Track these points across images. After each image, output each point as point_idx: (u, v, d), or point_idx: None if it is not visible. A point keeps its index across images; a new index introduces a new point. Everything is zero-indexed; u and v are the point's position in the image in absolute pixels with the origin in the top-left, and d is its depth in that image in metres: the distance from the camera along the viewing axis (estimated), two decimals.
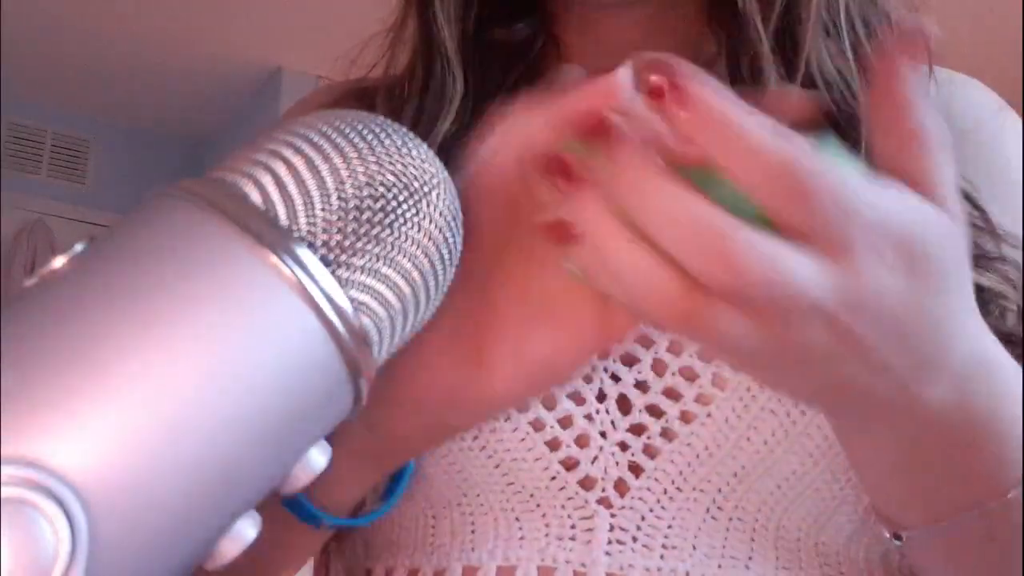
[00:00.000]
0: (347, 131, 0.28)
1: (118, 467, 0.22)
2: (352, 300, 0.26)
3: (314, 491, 0.40)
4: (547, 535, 0.43)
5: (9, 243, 3.21)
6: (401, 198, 0.28)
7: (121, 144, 3.44)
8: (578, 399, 0.43)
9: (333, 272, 0.26)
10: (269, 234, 0.25)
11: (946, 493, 0.35)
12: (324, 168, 0.27)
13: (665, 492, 0.42)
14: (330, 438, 0.28)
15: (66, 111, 3.34)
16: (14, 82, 3.04)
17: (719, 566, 0.42)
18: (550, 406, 0.43)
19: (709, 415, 0.42)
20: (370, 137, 0.28)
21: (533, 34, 0.53)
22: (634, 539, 0.42)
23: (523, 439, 0.43)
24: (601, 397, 0.43)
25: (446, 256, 0.29)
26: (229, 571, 0.26)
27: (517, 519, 0.43)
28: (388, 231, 0.27)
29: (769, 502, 0.42)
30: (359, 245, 0.27)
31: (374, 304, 0.27)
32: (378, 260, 0.27)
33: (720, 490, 0.42)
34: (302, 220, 0.26)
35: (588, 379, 0.43)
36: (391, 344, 0.29)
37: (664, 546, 0.42)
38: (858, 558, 0.44)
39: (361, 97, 0.53)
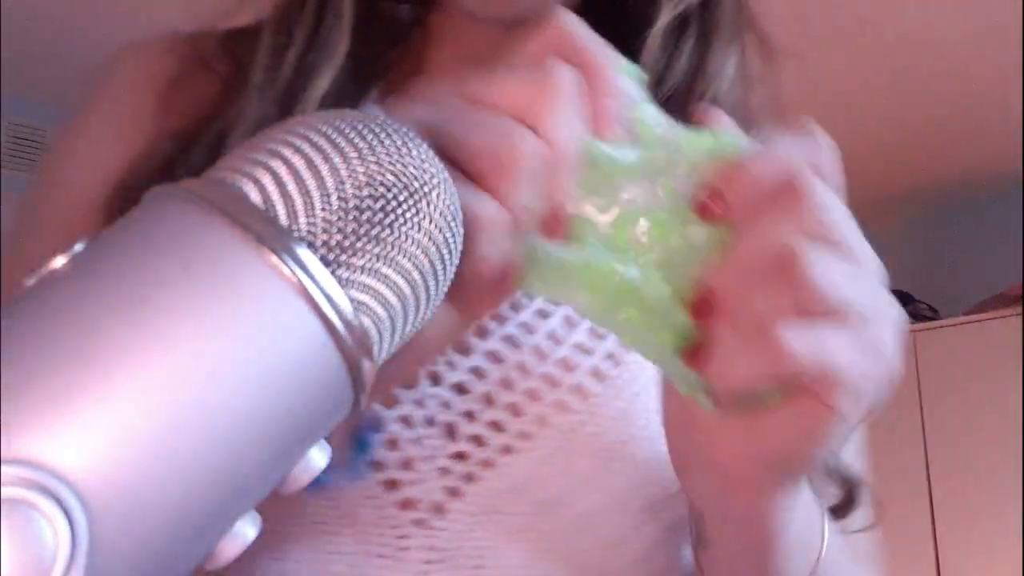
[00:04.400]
0: (347, 131, 0.28)
1: (118, 467, 0.22)
2: (352, 300, 0.26)
3: None
4: (362, 552, 0.43)
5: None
6: (401, 198, 0.28)
7: None
8: (408, 423, 0.44)
9: (333, 272, 0.26)
10: (269, 234, 0.25)
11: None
12: (324, 168, 0.27)
13: (478, 516, 0.44)
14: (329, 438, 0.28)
15: (66, 111, 3.33)
16: (14, 82, 3.04)
17: None
18: (379, 428, 0.43)
19: (529, 450, 0.44)
20: (370, 137, 0.28)
21: (414, 20, 0.53)
22: (444, 559, 0.43)
23: None
24: (429, 423, 0.44)
25: (446, 256, 0.29)
26: None
27: (329, 533, 0.44)
28: (388, 231, 0.27)
29: (571, 529, 0.44)
30: (359, 245, 0.27)
31: (374, 304, 0.27)
32: (378, 260, 0.27)
33: (528, 515, 0.44)
34: (302, 220, 0.26)
35: (419, 404, 0.44)
36: (391, 344, 0.29)
37: (475, 566, 0.43)
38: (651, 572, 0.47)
39: (225, 47, 0.52)
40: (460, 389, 0.44)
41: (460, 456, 0.44)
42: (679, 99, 0.51)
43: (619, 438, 0.44)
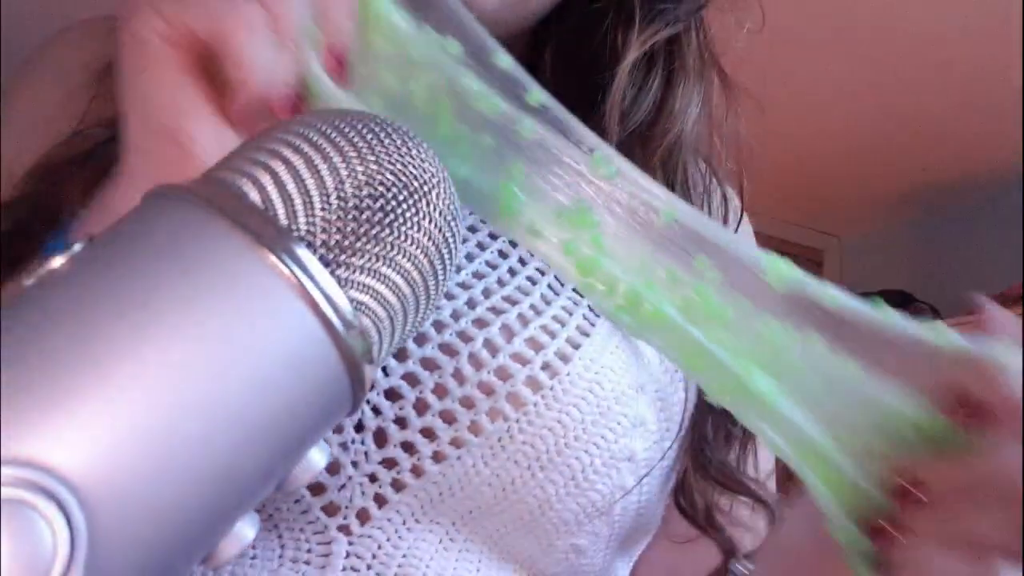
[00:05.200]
0: (347, 130, 0.28)
1: (117, 468, 0.22)
2: (351, 300, 0.26)
3: None
4: (280, 556, 0.43)
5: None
6: (401, 198, 0.28)
7: None
8: (336, 427, 0.43)
9: (332, 272, 0.26)
10: (268, 234, 0.25)
11: None
12: (323, 167, 0.27)
13: (404, 523, 0.44)
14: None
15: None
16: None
17: None
18: None
19: (459, 458, 0.43)
20: (370, 136, 0.28)
21: None
22: (368, 567, 0.43)
23: None
24: (359, 428, 0.44)
25: (446, 256, 0.29)
26: None
27: None
28: (388, 231, 0.27)
29: (495, 537, 0.45)
30: (358, 245, 0.27)
31: (373, 304, 0.27)
32: (378, 260, 0.27)
33: (454, 523, 0.44)
34: (301, 220, 0.26)
35: None
36: (391, 344, 0.29)
37: (397, 574, 0.43)
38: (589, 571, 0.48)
39: None
40: (392, 395, 0.44)
41: (389, 463, 0.43)
42: (644, 135, 0.52)
43: (553, 447, 0.44)
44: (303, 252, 0.26)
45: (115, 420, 0.22)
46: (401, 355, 0.44)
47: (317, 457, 0.28)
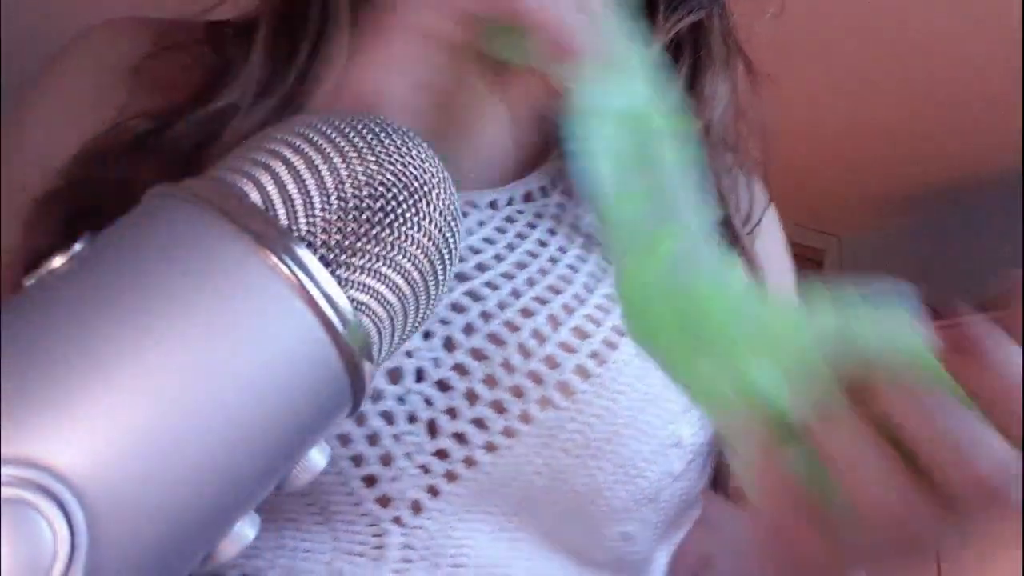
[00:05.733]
0: (347, 131, 0.28)
1: (118, 468, 0.22)
2: (352, 300, 0.26)
3: None
4: (334, 549, 0.43)
5: None
6: (401, 198, 0.28)
7: None
8: (389, 418, 0.43)
9: (333, 272, 0.26)
10: (269, 234, 0.25)
11: None
12: (324, 168, 0.27)
13: (456, 514, 0.44)
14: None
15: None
16: (14, 81, 3.04)
17: None
18: (360, 422, 0.43)
19: (511, 447, 0.43)
20: (370, 137, 0.28)
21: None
22: (422, 557, 0.43)
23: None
24: (412, 419, 0.44)
25: (446, 256, 0.29)
26: None
27: (303, 530, 0.43)
28: (388, 231, 0.27)
29: (546, 526, 0.45)
30: (359, 245, 0.27)
31: (374, 304, 0.27)
32: (378, 260, 0.27)
33: (506, 513, 0.44)
34: (302, 220, 0.26)
35: (402, 400, 0.44)
36: (391, 344, 0.29)
37: (453, 565, 0.43)
38: (636, 563, 0.48)
39: (209, 36, 0.51)
40: (443, 386, 0.44)
41: (442, 454, 0.44)
42: None
43: (603, 435, 0.44)
44: (303, 252, 0.26)
45: (115, 420, 0.22)
46: (450, 345, 0.45)
47: (317, 457, 0.28)
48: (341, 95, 0.37)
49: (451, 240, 0.30)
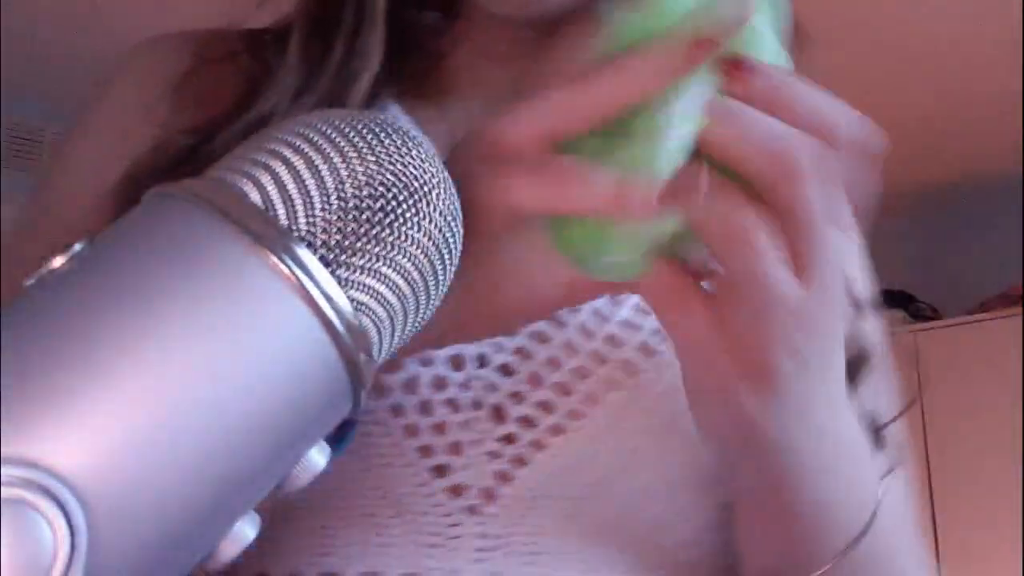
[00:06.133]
0: (347, 131, 0.28)
1: (118, 468, 0.22)
2: (352, 300, 0.26)
3: None
4: (412, 542, 0.43)
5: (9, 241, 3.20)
6: (401, 198, 0.28)
7: None
8: (454, 406, 0.43)
9: (333, 272, 0.26)
10: (268, 234, 0.25)
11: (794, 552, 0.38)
12: (324, 168, 0.27)
13: (530, 500, 0.43)
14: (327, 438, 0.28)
15: (66, 110, 3.33)
16: (14, 81, 3.04)
17: (580, 571, 0.43)
18: (427, 412, 0.43)
19: (579, 429, 0.43)
20: (370, 137, 0.28)
21: (437, 27, 0.53)
22: (499, 547, 0.43)
23: (396, 444, 0.43)
24: (477, 405, 0.43)
25: (446, 256, 0.29)
26: None
27: (378, 525, 0.43)
28: (388, 231, 0.27)
29: (624, 510, 0.44)
30: (359, 245, 0.27)
31: (374, 304, 0.27)
32: (378, 260, 0.27)
33: (581, 497, 0.44)
34: (302, 220, 0.26)
35: (465, 387, 0.44)
36: (391, 344, 0.29)
37: (530, 552, 0.43)
38: (700, 562, 0.47)
39: (249, 45, 0.51)
40: (506, 370, 0.44)
41: (509, 439, 0.43)
42: None
43: (669, 413, 0.43)
44: (303, 252, 0.26)
45: (115, 420, 0.22)
46: (509, 330, 0.44)
47: (317, 457, 0.28)
48: None
49: (451, 240, 0.30)
